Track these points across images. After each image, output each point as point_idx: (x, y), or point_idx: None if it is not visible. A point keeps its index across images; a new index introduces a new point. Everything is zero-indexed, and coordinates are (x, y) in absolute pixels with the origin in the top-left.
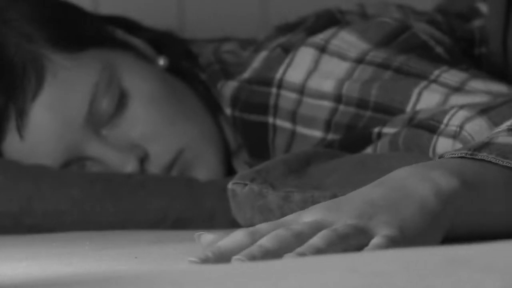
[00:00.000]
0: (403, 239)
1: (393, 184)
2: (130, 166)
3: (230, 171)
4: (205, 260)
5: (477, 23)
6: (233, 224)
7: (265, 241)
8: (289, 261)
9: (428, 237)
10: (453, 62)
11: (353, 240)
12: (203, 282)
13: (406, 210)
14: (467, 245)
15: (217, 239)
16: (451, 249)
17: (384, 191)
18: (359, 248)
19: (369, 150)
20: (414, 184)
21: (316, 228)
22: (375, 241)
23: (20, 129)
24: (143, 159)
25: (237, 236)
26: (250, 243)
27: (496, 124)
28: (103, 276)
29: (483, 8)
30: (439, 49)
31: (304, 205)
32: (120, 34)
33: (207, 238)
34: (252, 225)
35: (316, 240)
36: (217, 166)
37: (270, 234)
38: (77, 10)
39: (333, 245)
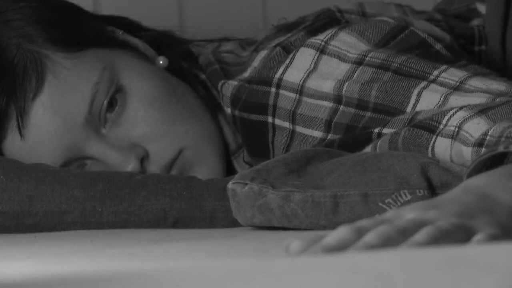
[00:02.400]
0: (503, 238)
1: (478, 192)
2: (130, 165)
3: (230, 171)
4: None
5: (475, 22)
6: (233, 224)
7: (370, 238)
8: (289, 261)
9: None
10: (452, 59)
11: (455, 238)
12: (203, 281)
13: (501, 214)
14: (466, 244)
15: (306, 245)
16: (451, 248)
17: (475, 198)
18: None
19: (368, 149)
20: (496, 193)
21: (419, 224)
22: (478, 237)
23: (21, 129)
24: (143, 159)
25: (341, 233)
26: (355, 240)
27: (494, 121)
28: (104, 275)
29: (482, 8)
30: (438, 46)
31: (304, 204)
32: (120, 34)
33: (296, 247)
34: (252, 224)
35: (420, 236)
36: (217, 165)
37: (374, 231)
38: (78, 10)
39: (436, 241)
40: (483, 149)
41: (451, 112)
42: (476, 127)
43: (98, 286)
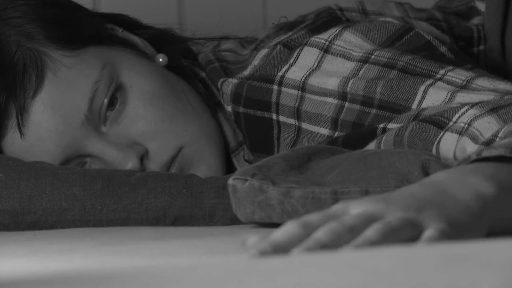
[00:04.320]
0: (452, 233)
1: (435, 186)
2: (130, 163)
3: (229, 169)
4: (264, 252)
5: (475, 21)
6: (233, 221)
7: (321, 235)
8: (288, 259)
9: (472, 234)
10: (457, 62)
11: (404, 233)
12: (202, 278)
13: (452, 209)
14: (465, 242)
15: (260, 242)
16: (449, 245)
17: (428, 191)
18: (410, 241)
19: (372, 144)
20: (455, 188)
21: (368, 220)
22: (428, 233)
23: (20, 127)
24: (143, 157)
25: (290, 229)
26: (303, 235)
27: (505, 121)
28: (104, 273)
29: (481, 6)
30: (443, 49)
31: (305, 201)
32: (120, 32)
33: (251, 242)
34: (252, 221)
35: (370, 233)
36: (217, 163)
37: (324, 228)
38: (77, 8)
39: (387, 237)
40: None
41: (463, 109)
42: (486, 126)
43: (97, 284)
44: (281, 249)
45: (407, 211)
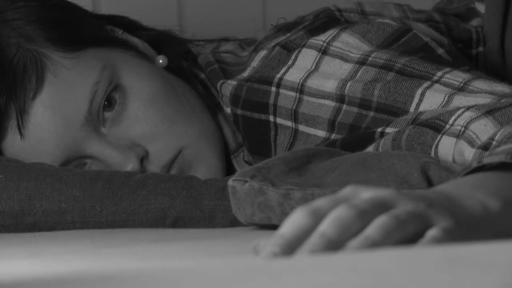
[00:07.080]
0: (457, 233)
1: (443, 194)
2: (130, 165)
3: (229, 170)
4: (276, 255)
5: (474, 23)
6: (233, 223)
7: (327, 229)
8: (288, 261)
9: (475, 238)
10: (455, 64)
11: (410, 228)
12: (202, 281)
13: (458, 210)
14: (466, 243)
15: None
16: (451, 247)
17: (436, 195)
18: (415, 237)
19: (370, 148)
20: (462, 199)
21: (379, 205)
22: (432, 233)
23: (20, 128)
24: (143, 158)
25: (297, 220)
26: (312, 225)
27: (501, 123)
28: (104, 274)
29: (481, 8)
30: (440, 51)
31: (304, 202)
32: (120, 33)
33: (263, 244)
34: (252, 222)
35: (373, 231)
36: (217, 165)
37: (331, 218)
38: (77, 10)
39: (391, 234)
40: (487, 152)
41: (458, 112)
42: (483, 129)
43: (97, 286)
44: (292, 246)
45: (418, 202)
